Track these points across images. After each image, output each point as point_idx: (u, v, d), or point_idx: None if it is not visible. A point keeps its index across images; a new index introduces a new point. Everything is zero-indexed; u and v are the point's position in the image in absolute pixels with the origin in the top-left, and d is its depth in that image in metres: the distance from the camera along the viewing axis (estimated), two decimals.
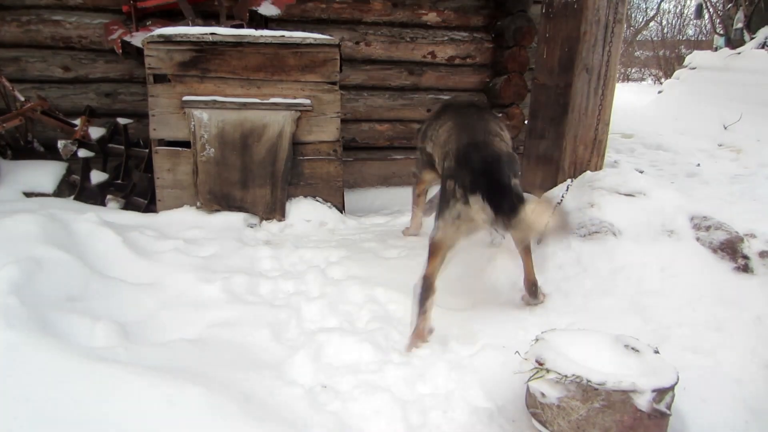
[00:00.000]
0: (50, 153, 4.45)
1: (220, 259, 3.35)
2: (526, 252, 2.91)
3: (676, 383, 1.81)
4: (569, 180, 4.09)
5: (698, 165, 7.42)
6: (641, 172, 7.23)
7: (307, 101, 4.05)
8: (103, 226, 3.20)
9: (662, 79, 13.32)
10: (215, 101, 3.90)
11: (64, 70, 4.73)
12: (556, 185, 5.45)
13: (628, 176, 3.92)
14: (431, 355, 2.36)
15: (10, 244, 2.60)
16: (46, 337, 2.02)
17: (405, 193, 5.60)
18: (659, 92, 10.07)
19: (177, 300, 2.80)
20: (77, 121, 4.32)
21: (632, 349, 1.98)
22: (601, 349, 1.99)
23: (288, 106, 4.00)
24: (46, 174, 4.25)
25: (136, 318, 2.60)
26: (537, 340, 2.05)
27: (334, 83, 4.11)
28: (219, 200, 4.01)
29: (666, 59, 14.04)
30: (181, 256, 3.23)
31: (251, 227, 4.00)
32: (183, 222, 3.86)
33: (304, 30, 4.27)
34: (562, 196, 3.99)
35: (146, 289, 2.85)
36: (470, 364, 2.30)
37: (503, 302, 2.89)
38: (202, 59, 3.87)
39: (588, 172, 4.03)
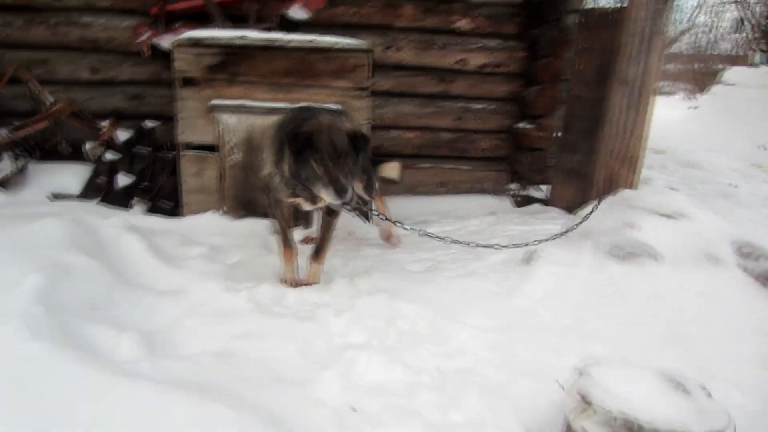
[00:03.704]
0: (77, 154, 4.44)
1: (245, 267, 3.29)
2: None
3: (728, 427, 1.69)
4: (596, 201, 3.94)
5: (735, 186, 7.21)
6: (674, 190, 7.08)
7: (338, 107, 3.97)
8: (128, 231, 3.16)
9: (695, 95, 13.05)
10: (243, 105, 3.85)
11: (92, 72, 4.73)
12: (586, 201, 5.31)
13: (669, 197, 3.78)
14: (463, 380, 2.25)
15: (37, 249, 2.56)
16: (70, 349, 1.96)
17: (430, 203, 5.53)
18: (693, 108, 9.84)
19: (202, 309, 2.74)
20: (104, 124, 4.30)
21: (681, 387, 1.86)
22: (648, 386, 1.86)
23: None
24: (72, 176, 4.25)
25: (160, 327, 2.54)
26: (580, 373, 1.93)
27: (364, 89, 4.04)
28: (245, 206, 3.95)
29: (699, 73, 13.74)
30: (205, 263, 3.18)
31: (276, 234, 3.93)
32: (208, 227, 3.81)
33: (333, 34, 4.21)
34: (591, 211, 3.88)
35: (170, 297, 2.79)
36: (504, 390, 2.19)
37: (536, 324, 2.77)
38: (231, 63, 3.82)
39: (626, 189, 3.90)
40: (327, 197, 2.71)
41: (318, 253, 3.19)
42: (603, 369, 1.97)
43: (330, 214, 3.18)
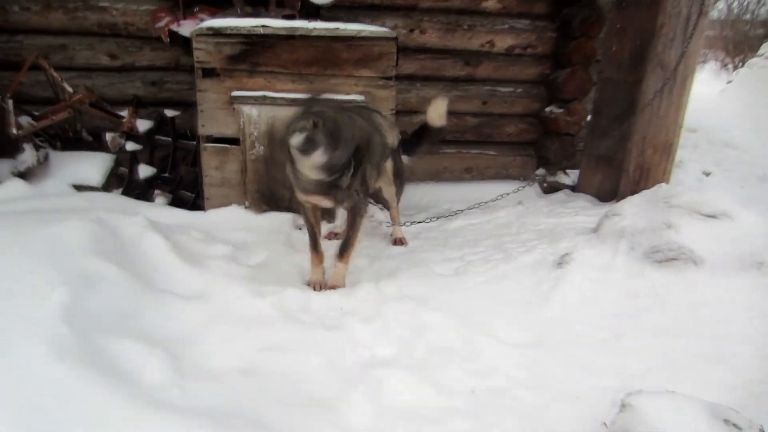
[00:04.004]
0: (98, 142, 4.39)
1: (270, 267, 3.22)
2: None
3: None
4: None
5: None
6: (708, 174, 6.83)
7: (361, 97, 3.85)
8: (151, 231, 3.09)
9: (728, 64, 12.49)
10: (265, 97, 3.73)
11: (110, 58, 4.63)
12: (617, 188, 5.14)
13: (710, 194, 3.59)
14: (498, 404, 2.17)
15: (61, 256, 2.50)
16: (98, 374, 1.91)
17: (455, 190, 5.41)
18: (728, 82, 9.43)
19: (227, 315, 2.68)
20: (124, 113, 4.22)
21: (733, 425, 1.76)
22: (697, 422, 1.76)
23: (341, 103, 3.79)
24: (94, 166, 4.19)
25: (186, 335, 2.49)
26: (623, 405, 1.84)
27: (389, 78, 3.89)
28: (267, 200, 3.88)
29: (734, 42, 13.10)
30: (229, 264, 3.11)
31: (299, 229, 3.86)
32: (230, 222, 3.74)
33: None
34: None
35: (195, 302, 2.73)
36: (541, 416, 2.11)
37: (572, 337, 2.67)
38: (252, 53, 3.69)
39: (663, 185, 3.72)
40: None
41: (342, 252, 3.11)
42: (647, 401, 1.88)
43: (355, 210, 3.09)
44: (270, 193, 3.86)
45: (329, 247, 3.45)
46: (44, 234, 2.65)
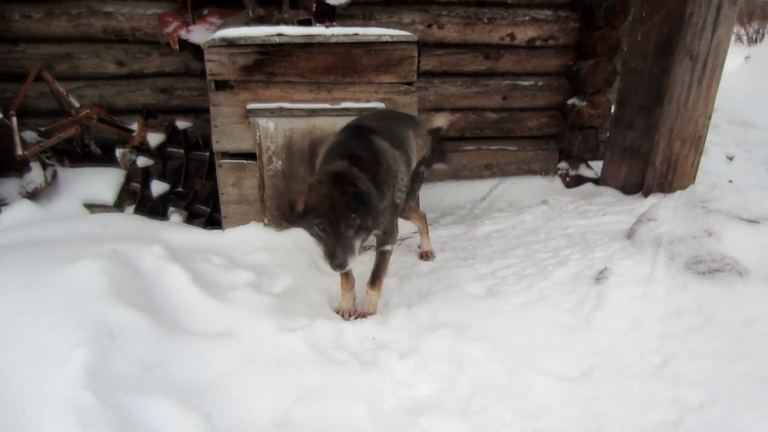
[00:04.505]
0: (108, 155, 4.22)
1: (297, 295, 3.08)
2: None
3: None
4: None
5: None
6: (731, 158, 6.62)
7: (381, 105, 3.66)
8: (170, 262, 2.95)
9: (742, 36, 12.12)
10: (282, 108, 3.55)
11: (117, 65, 4.44)
12: (642, 180, 4.97)
13: (750, 196, 3.41)
14: None
15: (78, 306, 2.36)
16: None
17: (476, 188, 5.24)
18: (746, 58, 9.14)
19: (257, 356, 2.55)
20: (134, 126, 4.04)
21: None
22: None
23: (360, 112, 3.61)
24: (105, 182, 4.04)
25: (215, 382, 2.36)
26: None
27: (410, 84, 3.70)
28: (287, 217, 3.71)
29: (748, 13, 12.72)
30: (254, 295, 2.96)
31: None
32: (250, 242, 3.59)
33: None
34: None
35: (222, 342, 2.60)
36: None
37: (622, 367, 2.53)
38: (268, 62, 3.50)
39: (697, 187, 3.54)
40: (326, 266, 2.57)
41: (375, 280, 2.97)
42: None
43: (384, 238, 2.94)
44: (289, 210, 3.70)
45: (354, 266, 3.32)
46: (58, 278, 2.51)
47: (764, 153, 6.85)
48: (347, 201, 2.46)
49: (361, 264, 3.54)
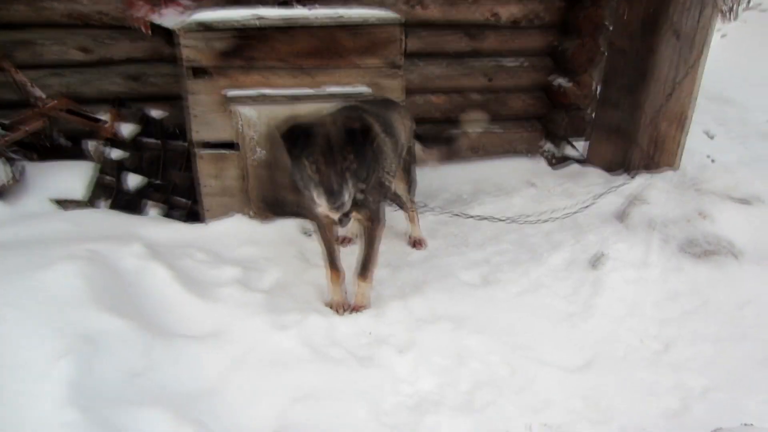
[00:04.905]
0: (78, 147, 4.00)
1: (286, 289, 2.97)
2: None
3: None
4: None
5: None
6: (712, 136, 6.63)
7: (367, 89, 3.53)
8: (151, 261, 2.81)
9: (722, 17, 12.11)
10: (263, 95, 3.39)
11: (83, 52, 4.18)
12: (627, 159, 4.92)
13: (740, 176, 3.40)
14: None
15: (57, 312, 2.21)
16: None
17: (463, 172, 5.14)
18: (722, 36, 9.16)
19: (248, 356, 2.45)
20: (105, 116, 3.83)
21: None
22: None
23: (345, 96, 3.47)
24: (76, 176, 3.82)
25: (207, 387, 2.27)
26: None
27: (397, 67, 3.56)
28: (273, 207, 3.58)
29: None
30: (242, 292, 2.84)
31: (308, 235, 3.59)
32: (235, 235, 3.44)
33: None
34: None
35: (212, 343, 2.49)
36: None
37: (624, 354, 2.48)
38: (247, 47, 3.32)
39: (688, 167, 3.52)
40: (320, 203, 2.40)
41: (364, 271, 2.86)
42: None
43: (371, 225, 2.82)
44: (275, 200, 3.56)
45: (343, 256, 3.22)
46: (34, 284, 2.35)
47: (742, 130, 6.88)
48: (344, 140, 2.36)
49: (351, 254, 3.45)
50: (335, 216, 2.53)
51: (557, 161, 5.29)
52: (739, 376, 2.36)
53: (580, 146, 5.27)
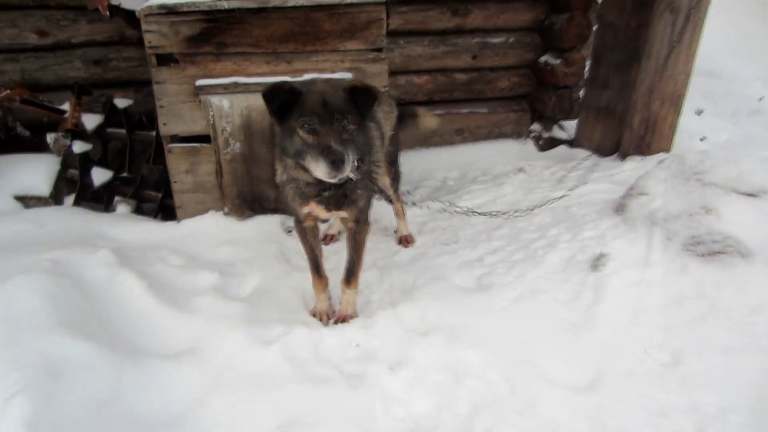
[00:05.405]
0: (38, 137, 3.72)
1: (267, 296, 2.77)
2: None
3: None
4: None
5: (760, 99, 6.64)
6: (699, 112, 6.49)
7: (348, 75, 3.29)
8: (120, 269, 2.59)
9: None
10: (236, 84, 3.13)
11: (39, 35, 3.86)
12: (618, 141, 4.76)
13: (743, 167, 3.23)
14: None
15: (13, 337, 1.99)
16: None
17: (447, 155, 4.95)
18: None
19: (228, 377, 2.25)
20: (66, 106, 3.54)
21: None
22: None
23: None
24: (38, 171, 3.56)
25: (182, 412, 2.08)
26: None
27: (379, 50, 3.32)
28: (250, 204, 3.36)
29: None
30: (220, 301, 2.64)
31: (289, 232, 3.38)
32: (210, 235, 3.23)
33: None
34: None
35: (187, 363, 2.29)
36: None
37: (631, 368, 2.34)
38: (217, 31, 3.06)
39: (688, 155, 3.34)
40: (317, 171, 2.05)
41: (350, 278, 2.66)
42: None
43: (357, 228, 2.61)
44: (252, 196, 3.34)
45: (328, 255, 3.03)
46: None
47: (730, 105, 6.74)
48: (342, 99, 2.10)
49: (334, 253, 3.26)
50: (333, 179, 2.07)
51: (545, 144, 5.13)
52: (755, 392, 2.22)
53: (571, 128, 5.10)
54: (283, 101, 2.05)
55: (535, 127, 5.20)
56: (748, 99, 6.74)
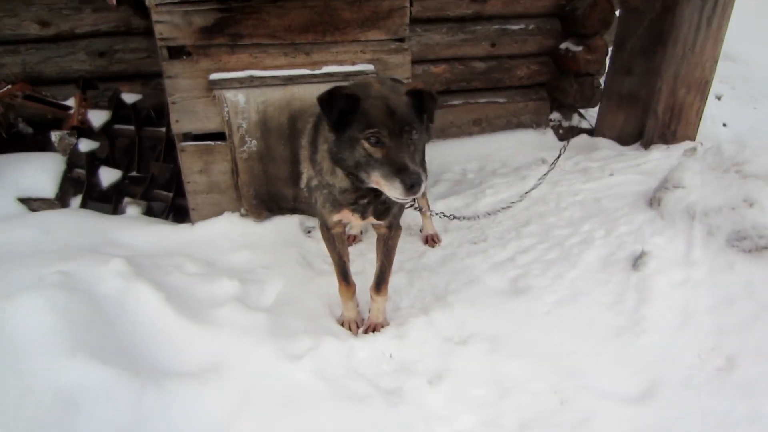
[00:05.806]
0: (41, 134, 3.54)
1: (292, 306, 2.61)
2: None
3: None
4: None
5: None
6: (719, 97, 6.30)
7: (370, 67, 3.11)
8: (135, 280, 2.42)
9: None
10: (252, 77, 2.95)
11: (41, 25, 3.66)
12: (641, 129, 4.59)
13: None
14: None
15: (22, 364, 1.83)
16: None
17: (465, 147, 4.77)
18: None
19: (256, 396, 2.10)
20: (71, 101, 3.36)
21: None
22: None
23: (345, 76, 3.05)
24: (42, 171, 3.38)
25: None
26: None
27: (401, 40, 3.14)
28: (267, 204, 3.19)
29: None
30: (242, 312, 2.47)
31: (309, 233, 3.22)
32: (227, 238, 3.07)
33: None
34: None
35: (212, 382, 2.13)
36: None
37: (687, 377, 2.19)
38: (231, 21, 2.87)
39: (724, 145, 3.17)
40: (391, 192, 1.87)
41: (380, 284, 2.50)
42: None
43: (390, 234, 2.45)
44: (269, 195, 3.17)
45: (352, 257, 2.87)
46: None
47: (748, 89, 6.57)
48: (407, 106, 1.93)
49: (360, 256, 3.10)
50: (405, 198, 1.88)
51: (566, 133, 4.95)
52: None
53: (591, 116, 4.92)
54: (342, 108, 1.87)
55: (555, 115, 5.02)
56: (765, 83, 6.56)
